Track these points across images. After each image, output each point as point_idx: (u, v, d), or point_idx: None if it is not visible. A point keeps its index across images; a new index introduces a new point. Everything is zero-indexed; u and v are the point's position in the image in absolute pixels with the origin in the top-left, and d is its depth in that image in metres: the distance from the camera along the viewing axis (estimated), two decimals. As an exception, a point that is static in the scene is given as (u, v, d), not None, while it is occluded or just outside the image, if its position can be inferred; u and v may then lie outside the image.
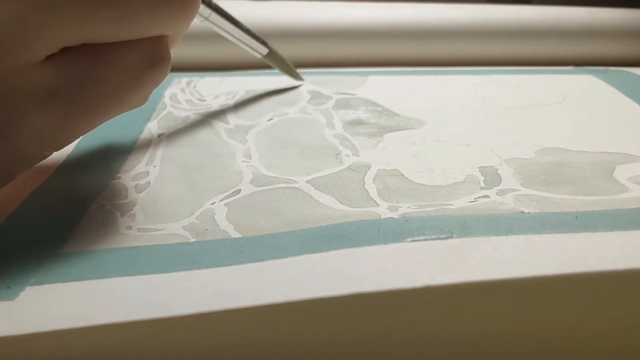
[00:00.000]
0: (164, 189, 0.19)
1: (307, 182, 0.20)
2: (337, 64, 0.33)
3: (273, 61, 0.28)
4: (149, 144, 0.23)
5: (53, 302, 0.13)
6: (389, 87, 0.29)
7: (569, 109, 0.26)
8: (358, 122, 0.25)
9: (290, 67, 0.29)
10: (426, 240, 0.15)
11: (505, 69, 0.33)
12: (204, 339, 0.13)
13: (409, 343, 0.14)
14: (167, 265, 0.15)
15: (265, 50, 0.27)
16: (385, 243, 0.15)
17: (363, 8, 0.34)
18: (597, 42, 0.35)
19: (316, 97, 0.28)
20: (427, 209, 0.17)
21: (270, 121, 0.25)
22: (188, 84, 0.29)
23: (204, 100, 0.27)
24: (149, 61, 0.16)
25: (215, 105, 0.27)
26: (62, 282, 0.14)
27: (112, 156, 0.22)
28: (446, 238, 0.15)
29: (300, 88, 0.29)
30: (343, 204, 0.18)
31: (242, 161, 0.21)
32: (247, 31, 0.26)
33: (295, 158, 0.22)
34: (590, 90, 0.29)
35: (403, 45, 0.34)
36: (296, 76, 0.29)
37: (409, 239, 0.15)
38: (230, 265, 0.15)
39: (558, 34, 0.35)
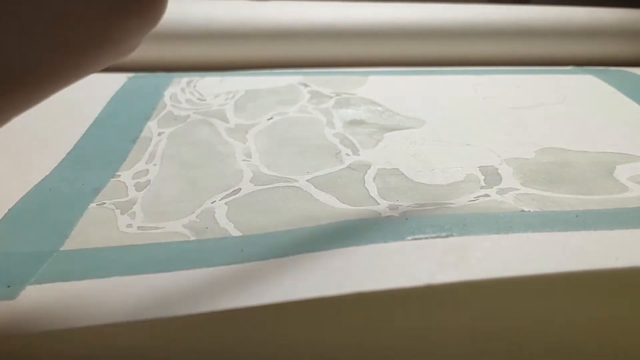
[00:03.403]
0: (164, 188, 0.19)
1: (307, 181, 0.20)
2: (337, 64, 0.33)
3: None
4: (149, 142, 0.23)
5: (53, 302, 0.13)
6: (389, 87, 0.29)
7: (569, 109, 0.26)
8: (358, 122, 0.25)
9: None
10: (426, 238, 0.15)
11: (505, 69, 0.33)
12: (204, 339, 0.13)
13: (410, 341, 0.14)
14: (167, 265, 0.15)
15: None
16: (385, 241, 0.15)
17: (363, 8, 0.34)
18: (597, 42, 0.35)
19: (316, 96, 0.28)
20: (427, 208, 0.17)
21: (270, 120, 0.25)
22: (188, 83, 0.29)
23: (204, 100, 0.27)
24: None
25: (215, 104, 0.27)
26: (63, 281, 0.14)
27: (112, 154, 0.22)
28: (446, 236, 0.15)
29: (300, 88, 0.29)
30: (343, 203, 0.18)
31: (242, 160, 0.21)
32: None
33: (296, 157, 0.22)
34: (590, 90, 0.29)
35: (403, 45, 0.34)
36: None
37: (409, 237, 0.15)
38: (230, 264, 0.15)
39: (558, 34, 0.35)
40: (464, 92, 0.29)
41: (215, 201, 0.18)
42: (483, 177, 0.20)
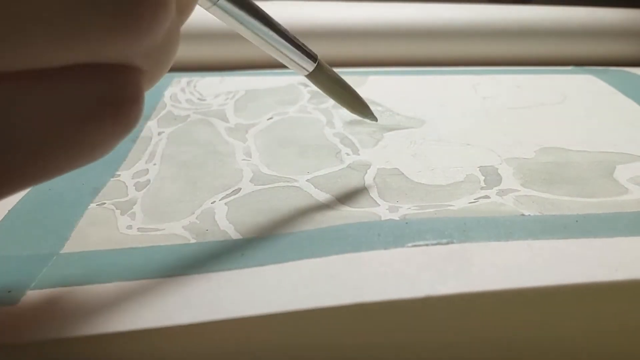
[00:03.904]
0: (164, 187, 0.19)
1: (307, 181, 0.20)
2: (337, 64, 0.33)
3: (321, 82, 0.19)
4: (148, 142, 0.23)
5: (55, 309, 0.13)
6: (389, 87, 0.29)
7: (569, 109, 0.26)
8: (358, 121, 0.25)
9: (351, 95, 0.20)
10: (427, 245, 0.15)
11: (505, 69, 0.33)
12: (203, 349, 0.13)
13: (409, 352, 0.14)
14: (168, 269, 0.15)
15: (310, 66, 0.18)
16: (386, 248, 0.15)
17: (363, 8, 0.34)
18: (597, 42, 0.35)
19: (316, 96, 0.28)
20: (428, 210, 0.17)
21: (270, 120, 0.25)
22: (188, 83, 0.29)
23: (204, 100, 0.27)
24: (96, 105, 0.11)
25: (215, 104, 0.27)
26: (63, 286, 0.14)
27: (112, 154, 0.21)
28: (447, 243, 0.15)
29: (300, 88, 0.29)
30: (343, 204, 0.18)
31: (242, 160, 0.21)
32: (280, 32, 0.16)
33: (296, 157, 0.22)
34: (590, 90, 0.29)
35: (403, 45, 0.34)
36: (362, 109, 0.20)
37: (409, 244, 0.15)
38: (230, 269, 0.15)
39: (558, 34, 0.35)
40: (464, 92, 0.29)
41: (215, 201, 0.18)
42: (483, 177, 0.20)
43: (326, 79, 0.19)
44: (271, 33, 0.16)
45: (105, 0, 0.10)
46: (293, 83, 0.29)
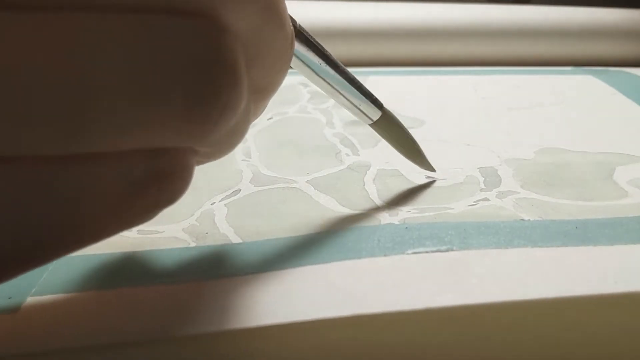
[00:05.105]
0: (163, 189, 0.19)
1: (307, 182, 0.20)
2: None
3: (386, 130, 0.19)
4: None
5: (56, 317, 0.13)
6: (389, 87, 0.29)
7: (569, 109, 0.26)
8: (358, 122, 0.25)
9: (414, 146, 0.19)
10: (427, 252, 0.15)
11: (505, 69, 0.33)
12: None
13: None
14: (168, 276, 0.14)
15: (376, 114, 0.18)
16: (385, 255, 0.15)
17: (363, 8, 0.34)
18: (597, 42, 0.35)
19: (316, 96, 0.28)
20: (427, 214, 0.17)
21: (270, 120, 0.25)
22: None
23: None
24: (142, 180, 0.11)
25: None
26: (65, 292, 0.14)
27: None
28: (446, 250, 0.15)
29: (300, 87, 0.29)
30: (343, 206, 0.18)
31: (242, 160, 0.21)
32: (348, 78, 0.17)
33: (295, 157, 0.22)
34: (589, 90, 0.29)
35: (403, 45, 0.34)
36: (422, 159, 0.19)
37: (409, 251, 0.15)
38: (230, 276, 0.14)
39: (558, 34, 0.35)
40: (464, 92, 0.29)
41: (214, 202, 0.18)
42: (483, 178, 0.20)
43: (392, 126, 0.18)
44: (339, 79, 0.16)
45: (176, 100, 0.10)
46: (293, 83, 0.29)
